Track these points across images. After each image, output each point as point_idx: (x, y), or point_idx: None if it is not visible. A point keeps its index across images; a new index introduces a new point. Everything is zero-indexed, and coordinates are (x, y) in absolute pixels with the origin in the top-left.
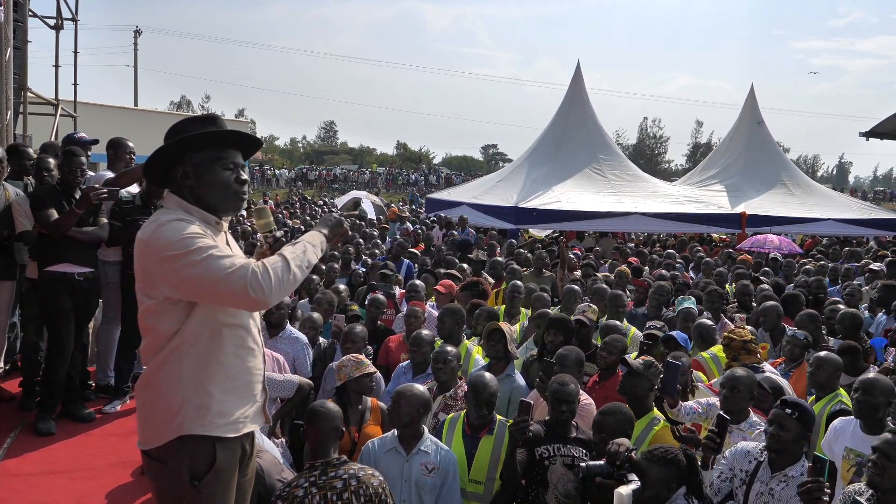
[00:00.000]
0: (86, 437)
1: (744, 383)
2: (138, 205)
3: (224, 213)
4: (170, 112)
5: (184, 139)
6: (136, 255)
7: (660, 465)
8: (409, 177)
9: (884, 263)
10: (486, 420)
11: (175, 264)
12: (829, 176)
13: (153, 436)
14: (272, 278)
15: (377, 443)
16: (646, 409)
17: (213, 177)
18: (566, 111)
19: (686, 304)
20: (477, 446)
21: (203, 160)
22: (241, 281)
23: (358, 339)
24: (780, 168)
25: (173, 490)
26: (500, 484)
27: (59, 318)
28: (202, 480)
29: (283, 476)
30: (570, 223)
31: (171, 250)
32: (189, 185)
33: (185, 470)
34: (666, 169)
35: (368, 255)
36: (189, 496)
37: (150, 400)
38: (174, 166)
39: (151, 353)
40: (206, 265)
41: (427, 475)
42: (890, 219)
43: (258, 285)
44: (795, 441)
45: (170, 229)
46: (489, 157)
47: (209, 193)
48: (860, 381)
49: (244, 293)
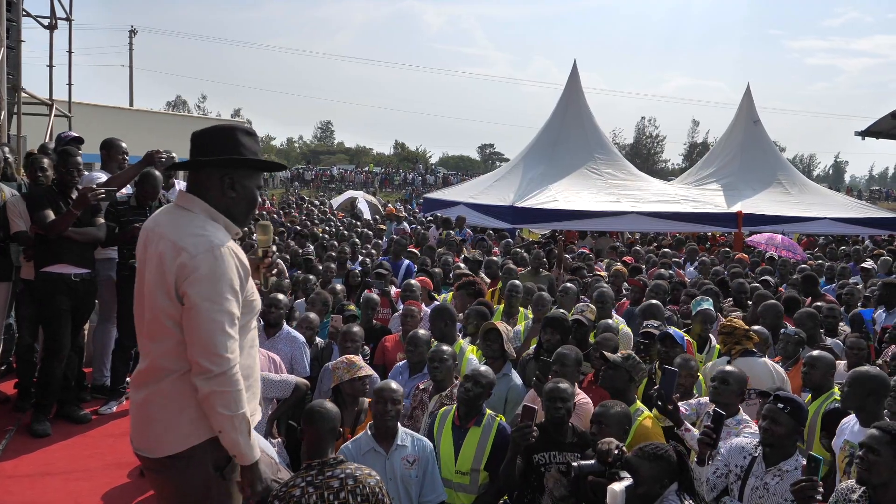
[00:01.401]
0: (82, 439)
1: (735, 378)
2: (133, 205)
3: (242, 226)
4: (165, 112)
5: (260, 161)
6: (165, 256)
7: (651, 462)
8: (406, 176)
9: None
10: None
11: (198, 298)
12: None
13: (181, 440)
14: (230, 390)
15: (351, 446)
16: (629, 402)
17: (249, 193)
18: (563, 111)
19: (704, 304)
20: (464, 437)
21: (248, 176)
22: (221, 361)
23: (357, 339)
24: (776, 167)
25: (200, 484)
26: (485, 475)
27: (55, 319)
28: (224, 470)
29: (279, 476)
30: (566, 222)
31: (212, 285)
32: (232, 196)
33: (209, 463)
34: (663, 168)
35: (366, 255)
36: (215, 487)
37: (178, 406)
38: (217, 172)
39: (177, 357)
40: (215, 329)
41: (410, 468)
42: (885, 218)
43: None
44: (788, 435)
45: (221, 266)
46: (486, 157)
47: (240, 207)
48: (851, 374)
49: (209, 368)
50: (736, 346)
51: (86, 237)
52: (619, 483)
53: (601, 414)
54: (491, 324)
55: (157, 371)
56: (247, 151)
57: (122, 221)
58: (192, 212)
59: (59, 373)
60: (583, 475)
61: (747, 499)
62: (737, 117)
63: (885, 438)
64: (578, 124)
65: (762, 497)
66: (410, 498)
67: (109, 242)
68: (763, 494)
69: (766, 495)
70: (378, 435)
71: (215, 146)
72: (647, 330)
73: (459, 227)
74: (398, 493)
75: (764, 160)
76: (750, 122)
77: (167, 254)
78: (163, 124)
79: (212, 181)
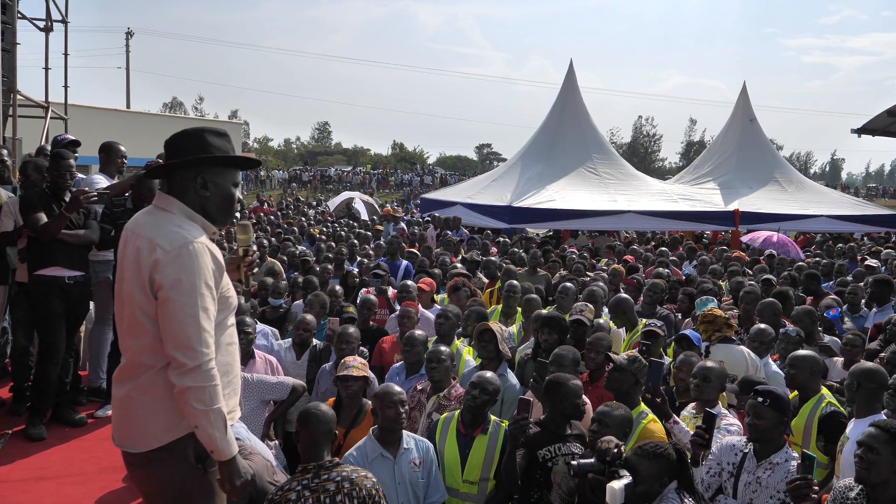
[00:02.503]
0: (77, 442)
1: (715, 374)
2: (129, 208)
3: (220, 225)
4: (162, 114)
5: (226, 158)
6: (143, 252)
7: (650, 460)
8: (403, 177)
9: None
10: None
11: (173, 291)
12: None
13: (162, 433)
14: (207, 386)
15: (357, 454)
16: (633, 404)
17: (223, 191)
18: (559, 110)
19: (710, 305)
20: (471, 446)
21: (220, 174)
22: (196, 356)
23: (352, 340)
24: (773, 165)
25: (181, 475)
26: (493, 484)
27: (49, 322)
28: (206, 461)
29: (275, 479)
30: (564, 222)
31: (189, 280)
32: (206, 195)
33: (191, 455)
34: (660, 167)
35: (363, 256)
36: (197, 479)
37: (158, 401)
38: (191, 174)
39: (156, 353)
40: (190, 318)
41: (417, 470)
42: (882, 215)
43: (199, 367)
44: (774, 428)
45: (197, 263)
46: (483, 157)
47: (216, 206)
48: (851, 371)
49: (184, 363)
50: (716, 332)
51: (79, 240)
52: (618, 481)
53: (604, 413)
54: (485, 324)
55: (136, 367)
56: (216, 150)
57: (119, 224)
58: (169, 212)
59: (54, 376)
60: (582, 474)
61: (741, 494)
62: (733, 115)
63: (885, 437)
64: (575, 124)
65: (755, 491)
66: (419, 500)
67: (105, 245)
68: (756, 489)
69: (759, 489)
70: (384, 440)
71: (186, 148)
72: (650, 329)
73: (456, 227)
74: (408, 498)
75: (761, 158)
76: (746, 121)
77: (143, 250)
78: (160, 126)
79: (186, 182)
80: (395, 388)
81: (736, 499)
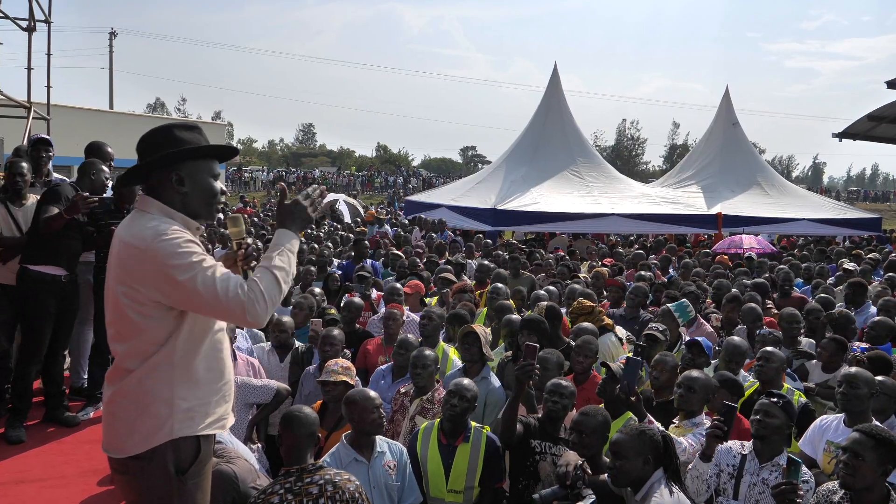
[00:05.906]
0: (58, 445)
1: (700, 385)
2: (111, 209)
3: (204, 220)
4: (146, 115)
5: (198, 149)
6: (121, 257)
7: (632, 437)
8: (388, 179)
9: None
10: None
11: (175, 276)
12: (805, 176)
13: (140, 441)
14: (267, 301)
15: (331, 460)
16: (622, 411)
17: (203, 185)
18: (544, 113)
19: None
20: (454, 455)
21: (196, 168)
22: (240, 305)
23: (336, 343)
24: (755, 169)
25: (159, 485)
26: (478, 491)
27: (40, 321)
28: (186, 472)
29: (258, 483)
30: (548, 225)
31: (174, 260)
32: (183, 191)
33: (170, 465)
34: (644, 170)
35: (346, 258)
36: (175, 489)
37: (138, 407)
38: (165, 172)
39: (138, 359)
40: (206, 284)
41: (392, 473)
42: (863, 218)
43: (255, 310)
44: (780, 428)
45: (171, 243)
46: (468, 160)
47: (197, 201)
48: (844, 375)
49: (242, 316)
50: (587, 316)
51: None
52: (582, 502)
53: (580, 423)
54: (469, 327)
55: (120, 371)
56: (186, 144)
57: (100, 225)
58: (149, 213)
59: (33, 377)
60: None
61: (745, 496)
62: (716, 119)
63: (870, 443)
64: (559, 128)
65: (762, 493)
66: (394, 503)
67: (87, 246)
68: (763, 490)
69: (766, 490)
70: (357, 444)
71: (156, 147)
72: (650, 332)
73: (440, 230)
74: (383, 501)
75: (743, 162)
76: (729, 125)
77: (122, 254)
78: (143, 127)
79: (162, 181)
80: (372, 394)
81: (737, 500)
